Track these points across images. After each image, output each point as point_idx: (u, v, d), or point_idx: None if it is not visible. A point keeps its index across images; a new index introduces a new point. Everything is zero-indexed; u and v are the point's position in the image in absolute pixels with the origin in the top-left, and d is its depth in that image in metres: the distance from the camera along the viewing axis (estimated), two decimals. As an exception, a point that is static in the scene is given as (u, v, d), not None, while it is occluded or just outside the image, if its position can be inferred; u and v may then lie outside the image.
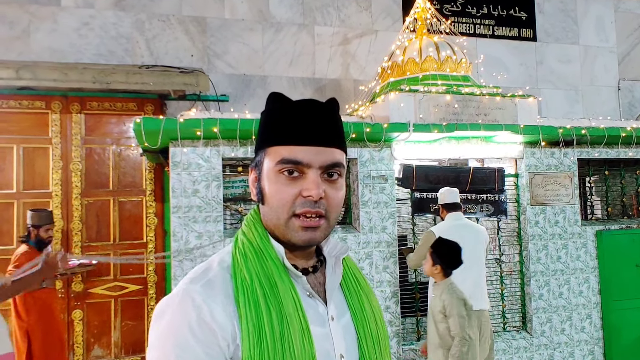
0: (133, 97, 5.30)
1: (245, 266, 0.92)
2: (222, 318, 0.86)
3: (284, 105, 0.97)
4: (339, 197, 0.97)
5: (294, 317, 0.90)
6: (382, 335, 1.04)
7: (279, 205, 0.93)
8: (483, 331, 3.64)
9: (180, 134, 3.71)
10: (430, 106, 4.40)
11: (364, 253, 4.18)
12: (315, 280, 1.00)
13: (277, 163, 0.93)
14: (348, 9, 6.39)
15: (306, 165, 0.92)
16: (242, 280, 0.90)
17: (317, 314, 0.96)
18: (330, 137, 0.96)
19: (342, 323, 0.99)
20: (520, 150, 4.64)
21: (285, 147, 0.93)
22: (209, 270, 0.94)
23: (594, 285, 4.76)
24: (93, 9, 5.45)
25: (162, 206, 5.37)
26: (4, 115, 5.02)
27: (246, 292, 0.89)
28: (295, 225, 0.93)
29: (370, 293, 1.09)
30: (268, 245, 0.96)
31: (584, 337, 4.70)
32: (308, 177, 0.93)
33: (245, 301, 0.88)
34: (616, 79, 7.50)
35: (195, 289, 0.89)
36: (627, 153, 4.93)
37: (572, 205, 4.75)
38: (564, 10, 7.37)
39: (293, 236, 0.93)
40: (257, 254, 0.95)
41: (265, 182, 0.96)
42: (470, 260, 3.69)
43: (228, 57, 5.88)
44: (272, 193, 0.94)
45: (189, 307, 0.86)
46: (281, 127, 0.95)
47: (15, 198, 5.00)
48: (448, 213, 3.89)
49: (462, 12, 6.88)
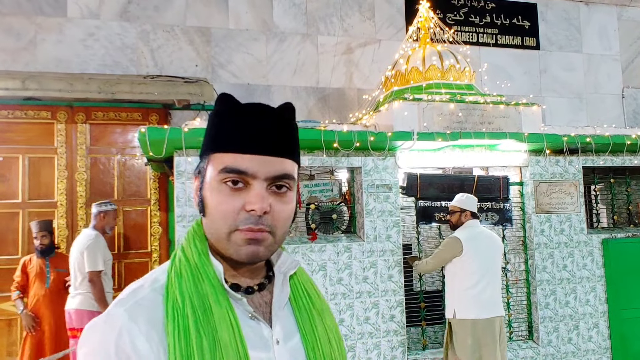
0: (138, 107, 5.33)
1: (179, 287, 0.84)
2: (144, 347, 0.77)
3: (231, 108, 0.89)
4: (288, 211, 0.89)
5: (230, 344, 0.81)
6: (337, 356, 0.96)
7: (220, 218, 0.85)
8: (501, 337, 3.72)
9: (185, 143, 3.72)
10: (434, 115, 4.40)
11: (369, 262, 4.17)
12: (261, 299, 0.92)
13: (219, 172, 0.85)
14: (351, 18, 6.42)
15: (251, 175, 0.84)
16: (174, 303, 0.82)
17: (260, 338, 0.87)
18: (279, 145, 0.87)
19: (290, 345, 0.90)
20: (524, 159, 4.63)
21: (229, 154, 0.85)
22: (138, 290, 0.85)
23: (601, 294, 4.72)
24: (98, 20, 5.50)
25: (166, 215, 5.38)
26: (10, 125, 5.06)
27: (176, 318, 0.80)
28: (237, 238, 0.84)
29: (325, 310, 1.00)
30: (206, 263, 0.87)
31: (591, 346, 4.65)
32: (252, 189, 0.85)
33: (175, 328, 0.79)
34: (620, 86, 7.49)
35: (118, 313, 0.80)
36: (632, 161, 4.90)
37: (577, 214, 4.72)
38: (567, 18, 7.38)
39: (235, 251, 0.85)
40: (193, 273, 0.86)
41: (207, 192, 0.87)
42: (490, 269, 3.75)
43: (232, 66, 5.91)
44: (213, 204, 0.86)
45: (109, 334, 0.78)
46: (225, 133, 0.87)
47: (20, 208, 5.02)
48: (472, 220, 3.90)
49: (465, 21, 6.90)
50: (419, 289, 4.52)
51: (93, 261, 4.19)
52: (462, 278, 3.75)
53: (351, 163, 4.20)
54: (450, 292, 3.85)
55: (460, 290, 3.74)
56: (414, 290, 4.61)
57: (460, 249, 3.73)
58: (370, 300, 4.13)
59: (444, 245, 3.84)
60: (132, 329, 0.78)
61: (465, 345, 3.68)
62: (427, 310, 4.47)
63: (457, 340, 3.75)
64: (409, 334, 4.49)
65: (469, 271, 3.72)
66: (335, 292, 4.06)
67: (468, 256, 3.71)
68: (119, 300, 0.84)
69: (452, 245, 3.78)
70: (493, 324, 3.69)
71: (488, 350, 3.64)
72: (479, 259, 3.72)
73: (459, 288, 3.75)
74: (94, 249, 4.23)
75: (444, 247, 3.84)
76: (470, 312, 3.69)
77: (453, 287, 3.82)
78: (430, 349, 4.49)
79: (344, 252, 4.11)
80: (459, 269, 3.77)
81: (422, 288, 4.53)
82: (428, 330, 4.81)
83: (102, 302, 4.21)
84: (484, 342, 3.65)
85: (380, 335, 4.13)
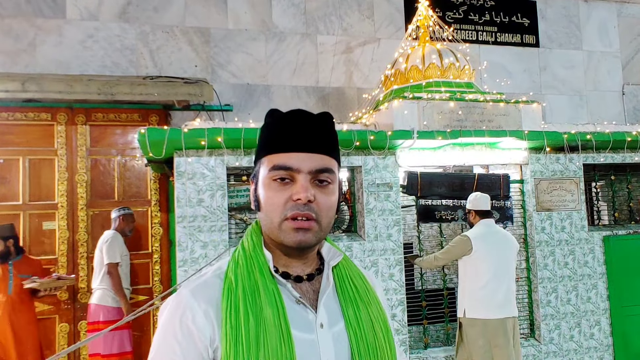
0: (138, 108, 5.33)
1: (234, 272, 0.98)
2: (202, 322, 0.93)
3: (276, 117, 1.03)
4: (330, 201, 1.00)
5: (273, 322, 0.93)
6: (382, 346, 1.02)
7: (272, 210, 0.98)
8: (515, 338, 3.72)
9: (185, 144, 3.72)
10: (434, 113, 4.39)
11: (370, 261, 4.17)
12: (309, 287, 1.03)
13: (270, 170, 0.99)
14: (350, 17, 6.42)
15: (296, 170, 0.97)
16: (229, 285, 0.96)
17: (305, 321, 0.98)
18: (318, 144, 1.00)
19: (334, 331, 1.00)
20: (525, 156, 4.62)
21: (277, 154, 0.99)
22: (203, 275, 1.01)
23: (602, 291, 4.72)
24: (98, 21, 5.50)
25: (167, 216, 5.38)
26: (10, 127, 5.06)
27: (229, 297, 0.95)
28: (287, 227, 0.97)
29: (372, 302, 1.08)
30: (259, 253, 1.01)
31: (593, 344, 4.64)
32: (298, 182, 0.97)
33: (227, 305, 0.94)
34: (620, 83, 7.48)
35: (184, 293, 0.97)
36: (633, 158, 4.90)
37: (578, 211, 4.72)
38: (567, 15, 7.37)
39: (285, 238, 0.97)
40: (247, 262, 1.00)
41: (261, 190, 1.01)
42: (504, 268, 3.73)
43: (232, 67, 5.91)
44: (266, 199, 0.99)
45: (176, 310, 0.95)
46: (273, 137, 1.01)
47: (21, 209, 5.03)
48: (481, 219, 3.89)
49: (464, 20, 6.89)
50: (421, 287, 4.52)
51: (111, 254, 4.49)
52: (473, 277, 3.74)
53: (351, 162, 4.20)
54: (461, 291, 3.85)
55: (471, 289, 3.74)
56: (415, 289, 4.61)
57: (469, 248, 3.73)
58: (372, 300, 4.12)
59: (454, 242, 3.86)
60: (194, 306, 0.94)
61: (477, 345, 3.67)
62: (428, 309, 4.47)
63: (468, 340, 3.74)
64: (411, 332, 4.49)
65: (480, 271, 3.71)
66: (337, 291, 4.05)
67: (478, 255, 3.71)
68: (187, 283, 1.01)
69: (462, 243, 3.79)
70: (505, 325, 3.66)
71: (500, 351, 3.62)
72: (490, 258, 3.71)
73: (470, 287, 3.75)
74: (112, 243, 4.54)
75: (454, 243, 3.86)
76: (480, 311, 3.68)
77: (464, 286, 3.81)
78: (432, 347, 4.49)
79: (344, 251, 4.10)
80: (469, 268, 3.78)
81: (423, 287, 4.53)
82: (430, 329, 4.80)
83: (120, 293, 4.50)
84: (495, 343, 3.64)
85: (382, 334, 4.12)
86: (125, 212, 4.81)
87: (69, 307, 5.03)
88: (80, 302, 5.05)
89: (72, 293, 5.04)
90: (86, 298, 5.03)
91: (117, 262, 4.51)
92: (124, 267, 4.65)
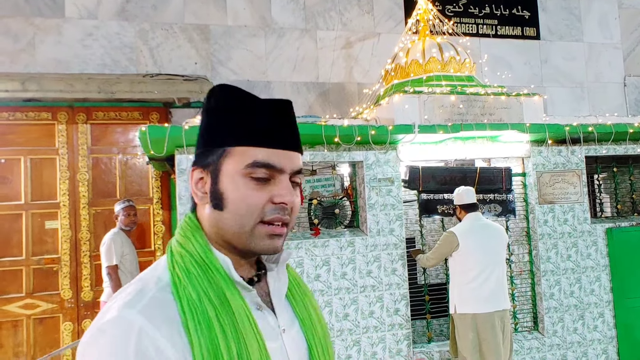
0: (138, 106, 5.33)
1: (191, 284, 0.80)
2: (169, 352, 0.73)
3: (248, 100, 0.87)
4: (299, 204, 0.91)
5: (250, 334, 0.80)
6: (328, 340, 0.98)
7: (246, 212, 0.84)
8: (505, 331, 3.67)
9: (186, 141, 3.71)
10: (435, 107, 4.38)
11: (372, 256, 4.17)
12: (261, 290, 0.91)
13: (247, 166, 0.84)
14: (350, 12, 6.40)
15: (279, 170, 0.85)
16: (189, 300, 0.79)
17: (269, 328, 0.87)
18: (298, 141, 0.90)
19: (292, 334, 0.92)
20: (527, 149, 4.61)
21: (259, 149, 0.85)
22: (145, 291, 0.79)
23: (606, 283, 4.71)
24: (97, 19, 5.49)
25: (169, 214, 5.38)
26: (11, 127, 5.06)
27: (195, 315, 0.77)
28: (261, 232, 0.85)
29: (312, 296, 1.02)
30: (212, 257, 0.85)
31: (597, 336, 4.64)
32: (280, 182, 0.86)
33: (196, 325, 0.76)
34: (622, 75, 7.45)
35: (131, 315, 0.74)
36: (635, 149, 4.88)
37: (581, 203, 4.71)
38: (567, 7, 7.34)
39: (257, 244, 0.85)
40: (202, 268, 0.83)
41: (227, 186, 0.85)
42: (492, 261, 3.70)
43: (232, 63, 5.90)
44: (238, 198, 0.84)
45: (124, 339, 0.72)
46: (252, 126, 0.85)
47: (23, 209, 5.03)
48: (467, 213, 3.87)
49: (464, 13, 6.86)
50: (424, 282, 4.52)
51: (108, 257, 4.53)
52: (461, 272, 3.72)
53: (353, 157, 4.19)
54: (451, 287, 3.84)
55: (460, 284, 3.72)
56: (418, 283, 4.61)
57: (456, 243, 3.71)
58: (375, 294, 4.13)
59: (441, 240, 3.84)
60: (152, 331, 0.73)
61: (467, 340, 3.66)
62: (431, 303, 4.47)
63: (459, 335, 3.73)
64: (414, 327, 4.49)
65: (468, 265, 3.69)
66: (340, 286, 4.06)
67: (465, 250, 3.69)
68: (124, 302, 0.77)
69: (448, 240, 3.76)
70: (493, 319, 3.62)
71: (488, 345, 3.59)
72: (477, 252, 3.68)
73: (459, 282, 3.74)
74: (109, 245, 4.56)
75: (440, 242, 3.84)
76: (469, 306, 3.66)
77: (453, 282, 3.81)
78: (436, 341, 4.49)
79: (347, 246, 4.11)
80: (457, 264, 3.76)
81: (426, 281, 4.53)
82: (433, 323, 4.81)
83: None
84: (483, 337, 3.61)
85: (385, 329, 4.13)
86: (126, 205, 4.77)
87: (72, 305, 5.04)
88: (84, 300, 5.06)
89: (75, 292, 5.05)
90: (89, 297, 5.05)
91: (115, 265, 4.53)
92: (127, 264, 4.64)
